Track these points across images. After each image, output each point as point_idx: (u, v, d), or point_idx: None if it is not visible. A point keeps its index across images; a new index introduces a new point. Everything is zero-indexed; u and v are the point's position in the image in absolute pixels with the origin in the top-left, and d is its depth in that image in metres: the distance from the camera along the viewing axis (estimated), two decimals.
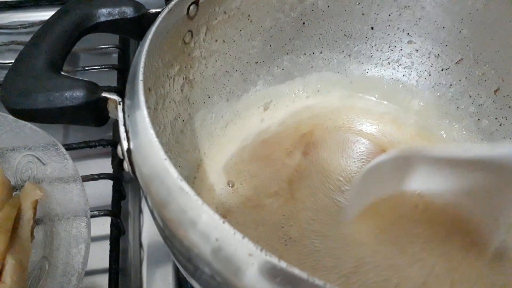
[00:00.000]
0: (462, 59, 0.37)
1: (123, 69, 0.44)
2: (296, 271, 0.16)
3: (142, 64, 0.23)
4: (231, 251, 0.17)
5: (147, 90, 0.27)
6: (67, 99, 0.22)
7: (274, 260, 0.16)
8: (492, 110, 0.36)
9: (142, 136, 0.20)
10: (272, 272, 0.16)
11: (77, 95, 0.22)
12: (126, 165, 0.23)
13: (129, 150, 0.21)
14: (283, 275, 0.16)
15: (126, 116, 0.21)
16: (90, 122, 0.24)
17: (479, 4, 0.34)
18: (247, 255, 0.17)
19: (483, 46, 0.35)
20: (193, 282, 0.25)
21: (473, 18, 0.35)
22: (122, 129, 0.21)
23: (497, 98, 0.36)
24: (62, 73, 0.24)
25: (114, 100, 0.23)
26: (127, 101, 0.22)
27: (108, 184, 0.37)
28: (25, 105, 0.22)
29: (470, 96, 0.37)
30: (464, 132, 0.38)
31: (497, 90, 0.36)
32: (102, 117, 0.24)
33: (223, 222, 0.17)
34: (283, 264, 0.16)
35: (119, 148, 0.22)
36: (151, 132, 0.20)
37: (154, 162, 0.20)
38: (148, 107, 0.26)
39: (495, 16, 0.33)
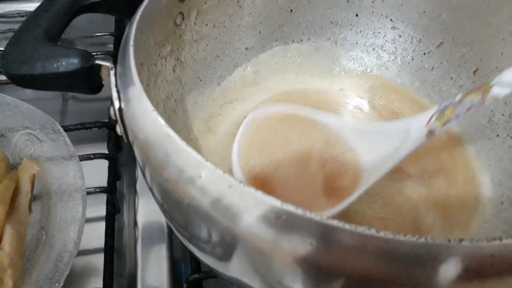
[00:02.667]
0: (442, 42, 0.38)
1: (120, 37, 0.45)
2: (291, 207, 0.16)
3: (133, 32, 0.24)
4: (227, 200, 0.18)
5: (139, 65, 0.28)
6: (62, 65, 0.24)
7: (276, 202, 0.16)
8: None
9: (132, 95, 0.22)
10: (273, 215, 0.17)
11: (72, 61, 0.24)
12: (118, 128, 0.24)
13: (120, 109, 0.22)
14: (280, 212, 0.16)
15: (117, 79, 0.23)
16: (84, 88, 0.25)
17: None
18: (249, 203, 0.17)
19: (461, 29, 0.37)
20: (192, 248, 0.25)
21: (451, 2, 0.36)
22: (114, 89, 0.23)
23: (476, 78, 0.37)
24: (58, 43, 0.25)
25: (107, 66, 0.24)
26: (118, 67, 0.24)
27: (104, 166, 0.39)
28: (23, 71, 0.24)
29: (451, 78, 0.39)
30: None
31: (476, 70, 0.37)
32: (96, 84, 0.25)
33: (223, 173, 0.18)
34: (286, 206, 0.16)
35: (111, 109, 0.23)
36: (141, 88, 0.21)
37: (145, 118, 0.21)
38: (141, 82, 0.28)
39: (471, 0, 0.35)
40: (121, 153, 0.42)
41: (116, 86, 0.23)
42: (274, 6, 0.39)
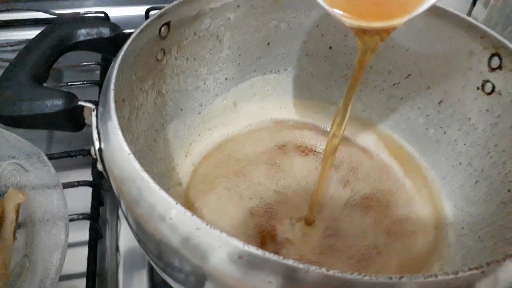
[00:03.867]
0: (410, 74, 0.41)
1: None
2: (252, 248, 0.18)
3: (113, 76, 0.26)
4: (196, 239, 0.19)
5: (121, 101, 0.30)
6: (47, 106, 0.25)
7: (233, 241, 0.18)
8: (437, 120, 0.40)
9: (112, 138, 0.23)
10: (232, 253, 0.18)
11: (56, 103, 0.25)
12: (99, 165, 0.26)
13: (100, 149, 0.24)
14: (242, 253, 0.18)
15: (98, 120, 0.25)
16: (68, 127, 0.27)
17: (421, 25, 0.38)
18: (210, 239, 0.19)
19: (427, 62, 0.39)
20: (166, 277, 0.27)
21: (417, 37, 0.39)
22: (94, 131, 0.24)
23: (441, 109, 0.40)
24: (44, 85, 0.27)
25: (89, 108, 0.26)
26: (100, 108, 0.26)
27: (88, 194, 0.40)
28: (10, 112, 0.25)
29: (419, 108, 0.41)
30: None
31: (441, 101, 0.40)
32: (79, 123, 0.27)
33: (191, 215, 0.20)
34: (240, 244, 0.18)
35: (92, 149, 0.25)
36: (119, 133, 0.23)
37: (122, 160, 0.23)
38: (122, 117, 0.30)
39: (435, 36, 0.38)
40: (105, 179, 0.43)
41: (97, 127, 0.24)
42: (253, 40, 0.41)
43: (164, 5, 0.58)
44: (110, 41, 0.32)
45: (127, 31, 0.32)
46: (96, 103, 0.27)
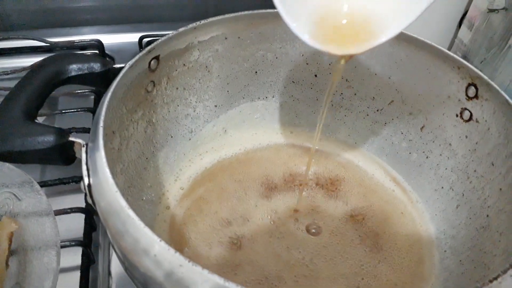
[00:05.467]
0: (393, 101, 0.42)
1: None
2: (232, 285, 0.19)
3: (103, 113, 0.27)
4: (180, 274, 0.21)
5: (111, 133, 0.31)
6: (39, 143, 0.27)
7: (215, 277, 0.19)
8: (420, 145, 0.41)
9: (100, 174, 0.25)
10: None
11: (48, 139, 0.27)
12: (88, 199, 0.27)
13: (89, 185, 0.25)
14: None
15: (88, 156, 0.26)
16: (59, 161, 0.28)
17: (402, 55, 0.40)
18: (192, 275, 0.20)
19: (408, 89, 0.41)
20: None
21: (398, 66, 0.40)
22: (84, 167, 0.25)
23: (423, 134, 0.41)
24: (36, 120, 0.28)
25: (79, 143, 0.27)
26: (90, 144, 0.27)
27: (81, 218, 0.41)
28: (3, 148, 0.26)
29: (402, 133, 0.43)
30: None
31: (423, 127, 0.41)
32: (69, 157, 0.28)
33: (174, 252, 0.21)
34: (221, 281, 0.19)
35: (81, 183, 0.26)
36: (107, 170, 0.24)
37: (109, 197, 0.24)
38: (112, 148, 0.31)
39: (415, 65, 0.39)
40: None
41: (87, 163, 0.26)
42: (241, 69, 0.43)
43: (157, 32, 0.60)
44: (101, 76, 0.33)
45: (118, 66, 0.34)
46: (88, 135, 0.28)
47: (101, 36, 0.59)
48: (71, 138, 0.27)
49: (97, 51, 0.57)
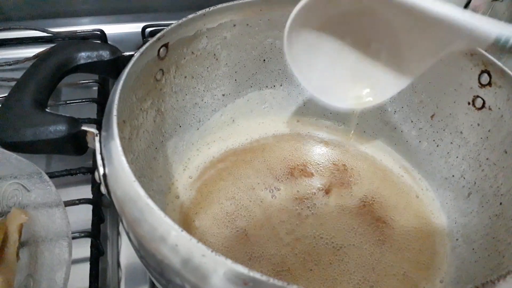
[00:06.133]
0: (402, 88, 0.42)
1: (102, 102, 0.48)
2: (257, 274, 0.19)
3: (116, 101, 0.27)
4: (198, 262, 0.21)
5: (122, 123, 0.31)
6: (51, 132, 0.26)
7: (238, 267, 0.19)
8: (430, 133, 0.41)
9: (116, 163, 0.24)
10: (236, 278, 0.20)
11: (60, 129, 0.26)
12: (103, 189, 0.27)
13: (104, 175, 0.25)
14: (247, 279, 0.19)
15: (102, 146, 0.25)
16: (71, 152, 0.27)
17: None
18: (213, 264, 0.20)
19: (419, 77, 0.40)
20: None
21: None
22: (98, 157, 0.25)
23: (433, 123, 0.41)
24: (46, 110, 0.28)
25: (92, 133, 0.27)
26: (103, 133, 0.26)
27: (88, 210, 0.40)
28: (15, 138, 0.26)
29: (412, 121, 0.42)
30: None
31: (433, 115, 0.41)
32: (82, 147, 0.27)
33: (190, 239, 0.21)
34: (246, 270, 0.19)
35: (96, 173, 0.25)
36: (123, 159, 0.24)
37: (126, 186, 0.24)
38: (123, 137, 0.31)
39: None
40: (104, 196, 0.44)
41: (101, 153, 0.25)
42: (249, 57, 0.42)
43: (160, 22, 0.59)
44: (110, 64, 0.33)
45: (127, 53, 0.33)
46: (98, 126, 0.28)
47: (103, 26, 0.58)
48: (83, 128, 0.27)
49: (99, 41, 0.56)
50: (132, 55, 0.32)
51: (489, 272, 0.31)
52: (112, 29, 0.60)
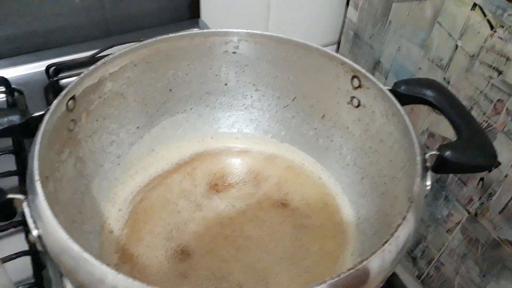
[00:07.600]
0: (295, 97, 0.48)
1: (19, 151, 0.48)
2: None
3: (35, 166, 0.29)
4: None
5: (45, 179, 0.33)
6: None
7: None
8: (324, 131, 0.48)
9: (48, 226, 0.27)
10: None
11: None
12: (39, 247, 0.29)
13: (39, 236, 0.27)
14: None
15: (31, 209, 0.28)
16: (1, 219, 0.30)
17: (295, 57, 0.45)
18: None
19: (306, 86, 0.47)
20: None
21: (294, 67, 0.46)
22: (30, 220, 0.28)
23: (324, 122, 0.47)
24: None
25: (19, 199, 0.29)
26: (30, 196, 0.29)
27: (26, 260, 0.42)
28: None
29: (308, 123, 0.49)
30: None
31: (323, 116, 0.47)
32: (11, 213, 0.30)
33: (126, 279, 0.24)
34: None
35: (30, 236, 0.28)
36: (54, 221, 0.27)
37: (61, 243, 0.27)
38: (48, 192, 0.33)
39: (307, 65, 0.45)
40: None
41: (32, 216, 0.28)
42: (155, 89, 0.46)
43: (63, 58, 0.60)
44: (22, 126, 0.34)
45: (36, 114, 0.35)
46: (22, 187, 0.30)
47: (5, 71, 0.58)
48: (9, 196, 0.29)
49: (3, 88, 0.56)
50: (43, 115, 0.34)
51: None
52: (15, 72, 0.60)
